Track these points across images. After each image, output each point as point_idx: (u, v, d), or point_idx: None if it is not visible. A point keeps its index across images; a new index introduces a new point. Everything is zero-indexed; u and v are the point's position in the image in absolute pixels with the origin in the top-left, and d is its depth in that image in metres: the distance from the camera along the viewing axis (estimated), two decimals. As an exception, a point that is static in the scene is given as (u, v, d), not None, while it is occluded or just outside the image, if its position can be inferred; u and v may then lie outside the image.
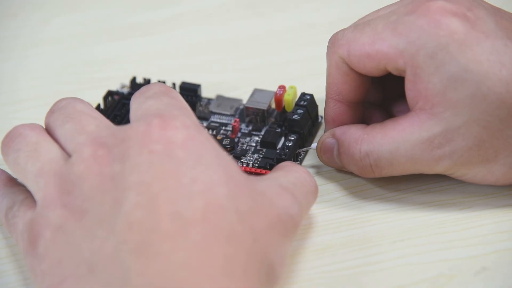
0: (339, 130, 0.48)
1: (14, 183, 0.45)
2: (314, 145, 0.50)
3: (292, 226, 0.41)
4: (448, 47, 0.43)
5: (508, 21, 0.45)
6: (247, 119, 0.52)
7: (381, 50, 0.45)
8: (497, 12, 0.45)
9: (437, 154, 0.44)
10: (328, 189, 0.48)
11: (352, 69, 0.47)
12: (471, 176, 0.45)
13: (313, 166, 0.50)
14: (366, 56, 0.45)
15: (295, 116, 0.50)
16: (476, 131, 0.43)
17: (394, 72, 0.45)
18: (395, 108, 0.50)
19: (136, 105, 0.43)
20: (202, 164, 0.39)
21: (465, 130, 0.43)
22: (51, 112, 0.45)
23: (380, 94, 0.50)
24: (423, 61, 0.44)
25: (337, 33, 0.47)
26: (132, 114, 0.42)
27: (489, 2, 0.46)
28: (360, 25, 0.46)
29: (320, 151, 0.49)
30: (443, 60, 0.43)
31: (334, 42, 0.47)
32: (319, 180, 0.48)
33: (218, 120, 0.53)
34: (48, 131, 0.44)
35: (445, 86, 0.43)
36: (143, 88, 0.44)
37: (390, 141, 0.45)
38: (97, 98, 0.54)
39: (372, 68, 0.46)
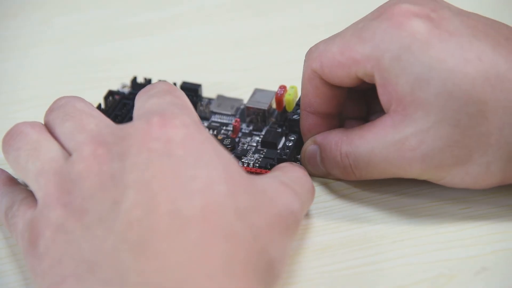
0: (319, 136, 0.48)
1: (14, 183, 0.45)
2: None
3: (293, 222, 0.41)
4: (411, 47, 0.43)
5: (474, 20, 0.44)
6: (247, 119, 0.52)
7: (350, 57, 0.45)
8: (463, 13, 0.45)
9: (409, 157, 0.44)
10: (327, 189, 0.48)
11: (324, 83, 0.47)
12: (449, 179, 0.45)
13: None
14: (336, 65, 0.45)
15: (296, 116, 0.50)
16: (446, 131, 0.43)
17: (366, 79, 0.45)
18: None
19: (139, 103, 0.43)
20: (201, 163, 0.39)
21: (435, 131, 0.43)
22: (51, 110, 0.45)
23: (363, 109, 0.50)
24: (389, 64, 0.44)
25: (312, 47, 0.47)
26: (135, 112, 0.43)
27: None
28: (332, 36, 0.46)
29: (304, 160, 0.49)
30: (407, 61, 0.43)
31: (308, 55, 0.47)
32: (318, 180, 0.48)
33: (219, 120, 0.53)
34: (48, 129, 0.44)
35: (412, 87, 0.43)
36: (147, 86, 0.44)
37: (366, 143, 0.45)
38: (98, 98, 0.54)
39: (344, 76, 0.46)
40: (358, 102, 0.50)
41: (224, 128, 0.52)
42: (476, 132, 0.43)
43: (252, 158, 0.50)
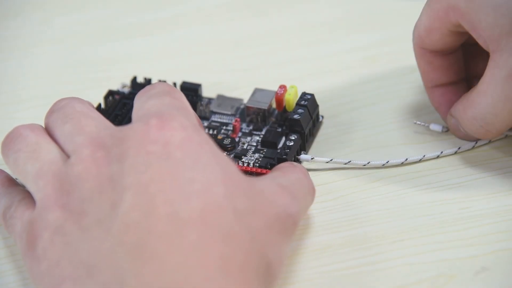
0: (452, 109, 0.49)
1: (12, 183, 0.45)
2: (433, 125, 0.51)
3: (291, 224, 0.41)
4: None
5: None
6: (247, 119, 0.52)
7: (435, 18, 0.47)
8: None
9: None
10: (328, 189, 0.48)
11: (433, 55, 0.49)
12: None
13: (312, 167, 0.50)
14: (430, 32, 0.48)
15: (296, 116, 0.50)
16: None
17: (459, 29, 0.46)
18: None
19: (138, 104, 0.43)
20: (199, 165, 0.39)
21: None
22: (51, 112, 0.45)
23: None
24: (465, 6, 0.45)
25: (414, 27, 0.49)
26: (134, 113, 0.43)
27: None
28: (421, 11, 0.48)
29: (454, 134, 0.50)
30: None
31: (412, 36, 0.49)
32: (318, 180, 0.48)
33: (219, 120, 0.53)
34: (48, 131, 0.44)
35: (494, 17, 0.44)
36: (147, 87, 0.44)
37: (483, 96, 0.46)
38: (98, 98, 0.54)
39: (442, 38, 0.47)
40: (480, 59, 0.50)
41: (224, 127, 0.52)
42: None
43: (252, 158, 0.50)
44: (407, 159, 0.49)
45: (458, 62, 0.50)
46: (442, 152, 0.50)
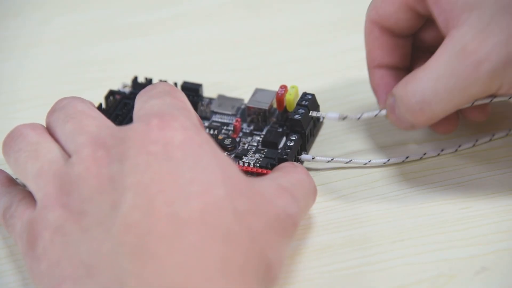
0: (394, 87, 0.46)
1: (12, 183, 0.45)
2: (330, 113, 0.49)
3: (291, 225, 0.41)
4: None
5: None
6: (248, 119, 0.52)
7: None
8: None
9: (474, 61, 0.42)
10: (328, 189, 0.48)
11: (383, 32, 0.47)
12: None
13: (313, 167, 0.50)
14: (388, 3, 0.46)
15: (297, 116, 0.50)
16: (505, 21, 0.42)
17: (419, 7, 0.45)
18: None
19: (139, 103, 0.43)
20: (200, 165, 0.39)
21: (494, 25, 0.42)
22: (52, 111, 0.45)
23: None
24: None
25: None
26: (135, 113, 0.43)
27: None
28: None
29: (388, 117, 0.47)
30: None
31: (367, 9, 0.48)
32: (318, 180, 0.48)
33: (220, 120, 0.53)
34: (49, 130, 0.44)
35: None
36: (148, 87, 0.44)
37: (429, 71, 0.43)
38: (98, 98, 0.54)
39: (398, 13, 0.46)
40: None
41: (225, 128, 0.52)
42: None
43: (252, 158, 0.50)
44: (408, 157, 0.49)
45: (405, 48, 0.48)
46: (442, 150, 0.50)
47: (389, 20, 0.47)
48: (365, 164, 0.49)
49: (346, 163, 0.50)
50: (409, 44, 0.48)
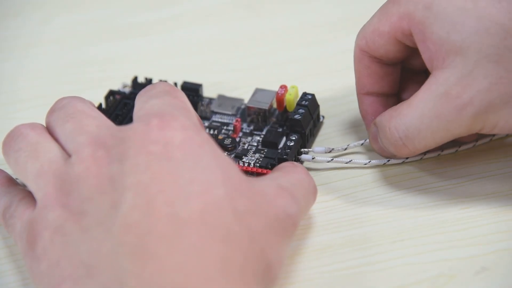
0: (377, 117, 0.48)
1: (12, 183, 0.45)
2: (316, 148, 0.50)
3: (291, 226, 0.41)
4: None
5: None
6: (248, 119, 0.52)
7: (387, 22, 0.45)
8: None
9: (458, 105, 0.43)
10: (328, 189, 0.48)
11: (372, 61, 0.47)
12: (504, 123, 0.43)
13: (312, 167, 0.50)
14: (377, 35, 0.46)
15: (297, 116, 0.50)
16: (489, 68, 0.42)
17: (407, 41, 0.45)
18: None
19: (139, 103, 0.43)
20: (200, 165, 0.39)
21: (478, 71, 0.42)
22: (52, 111, 0.45)
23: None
24: (423, 15, 0.44)
25: (361, 28, 0.48)
26: (135, 113, 0.43)
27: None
28: (374, 13, 0.47)
29: (370, 142, 0.49)
30: (439, 7, 0.43)
31: (356, 37, 0.48)
32: (319, 180, 0.48)
33: (220, 120, 0.53)
34: (49, 130, 0.44)
35: (448, 32, 0.43)
36: (148, 87, 0.44)
37: (413, 109, 0.44)
38: (98, 98, 0.54)
39: (387, 45, 0.46)
40: (417, 85, 0.49)
41: (225, 128, 0.52)
42: None
43: (252, 158, 0.50)
44: (407, 157, 0.49)
45: (394, 75, 0.49)
46: (442, 150, 0.49)
47: (378, 51, 0.47)
48: (365, 164, 0.49)
49: (346, 163, 0.50)
50: (398, 71, 0.49)
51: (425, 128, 0.44)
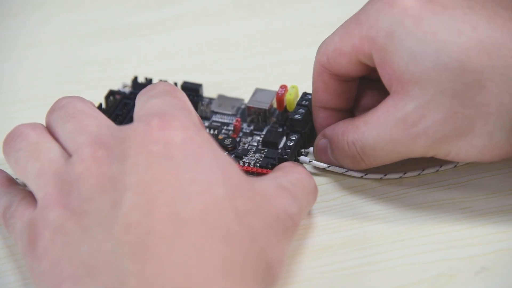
0: (328, 129, 0.48)
1: (12, 183, 0.45)
2: (302, 158, 0.50)
3: (291, 225, 0.41)
4: (403, 23, 0.43)
5: None
6: (248, 119, 0.52)
7: (349, 43, 0.45)
8: None
9: (413, 133, 0.43)
10: (328, 189, 0.48)
11: (332, 78, 0.47)
12: (455, 153, 0.44)
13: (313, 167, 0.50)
14: (339, 54, 0.46)
15: (297, 116, 0.50)
16: (445, 102, 0.43)
17: (369, 63, 0.45)
18: None
19: (140, 103, 0.43)
20: (200, 165, 0.39)
21: (434, 104, 0.43)
22: (52, 111, 0.45)
23: (379, 101, 0.50)
24: (384, 42, 0.43)
25: (322, 42, 0.47)
26: (135, 113, 0.43)
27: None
28: (337, 28, 0.47)
29: (316, 154, 0.49)
30: (400, 37, 0.43)
31: (317, 51, 0.47)
32: (319, 180, 0.48)
33: (220, 120, 0.53)
34: (49, 130, 0.44)
35: (407, 63, 0.43)
36: (148, 87, 0.44)
37: (370, 127, 0.45)
38: (98, 98, 0.54)
39: (348, 64, 0.46)
40: (372, 94, 0.50)
41: (225, 127, 0.52)
42: (475, 101, 0.42)
43: (253, 158, 0.50)
44: (405, 173, 0.49)
45: (352, 91, 0.48)
46: (441, 166, 0.49)
47: (340, 69, 0.47)
48: (361, 177, 0.49)
49: (342, 173, 0.49)
50: (355, 87, 0.49)
51: (379, 149, 0.45)
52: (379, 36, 0.44)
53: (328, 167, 0.49)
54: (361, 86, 0.49)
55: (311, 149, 0.50)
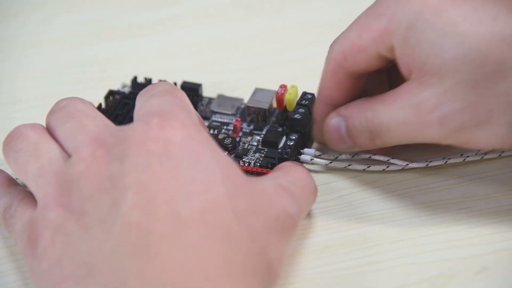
0: (343, 108, 0.47)
1: (12, 183, 0.45)
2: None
3: (291, 225, 0.41)
4: (423, 14, 0.43)
5: None
6: (248, 119, 0.52)
7: (368, 37, 0.45)
8: None
9: (427, 119, 0.43)
10: (328, 189, 0.48)
11: (347, 76, 0.47)
12: (474, 143, 0.44)
13: (313, 167, 0.50)
14: (358, 50, 0.45)
15: (297, 116, 0.50)
16: (464, 92, 0.42)
17: (389, 55, 0.45)
18: None
19: (140, 102, 0.43)
20: (200, 164, 0.39)
21: (452, 93, 0.43)
22: (52, 112, 0.45)
23: (385, 88, 0.50)
24: (405, 34, 0.43)
25: (333, 40, 0.47)
26: (135, 112, 0.43)
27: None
28: (349, 25, 0.46)
29: (328, 134, 0.48)
30: (421, 29, 0.43)
31: (330, 49, 0.47)
32: (319, 180, 0.48)
33: (220, 120, 0.53)
34: (49, 130, 0.44)
35: (428, 54, 0.43)
36: (149, 86, 0.44)
37: (386, 107, 0.45)
38: (97, 98, 0.54)
39: (368, 60, 0.46)
40: (379, 82, 0.50)
41: (225, 127, 0.52)
42: (495, 92, 0.42)
43: (253, 158, 0.50)
44: (408, 164, 0.49)
45: (361, 86, 0.48)
46: (449, 158, 0.49)
47: (359, 65, 0.46)
48: (364, 170, 0.49)
49: (344, 167, 0.49)
50: (365, 79, 0.48)
51: (393, 129, 0.45)
52: (400, 28, 0.43)
53: (330, 163, 0.49)
54: (373, 75, 0.49)
55: (306, 150, 0.50)
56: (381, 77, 0.49)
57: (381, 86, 0.50)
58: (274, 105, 0.52)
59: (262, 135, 0.51)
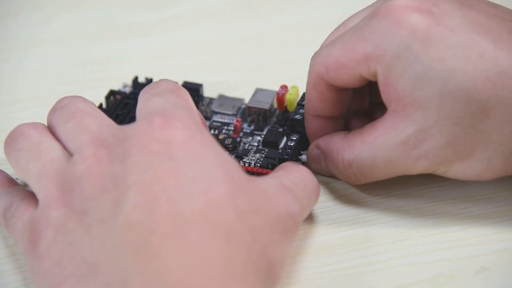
0: (322, 141, 0.48)
1: (12, 183, 0.45)
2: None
3: (292, 225, 0.41)
4: (411, 46, 0.43)
5: (476, 12, 0.44)
6: (249, 119, 0.52)
7: (352, 58, 0.44)
8: (465, 3, 0.44)
9: (413, 155, 0.44)
10: (328, 189, 0.48)
11: (329, 88, 0.47)
12: (453, 173, 0.44)
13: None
14: (341, 68, 0.45)
15: (297, 116, 0.50)
16: (448, 128, 0.43)
17: (371, 78, 0.45)
18: (380, 114, 0.50)
19: (142, 101, 0.43)
20: (202, 164, 0.39)
21: (437, 129, 0.43)
22: (53, 110, 0.45)
23: (365, 102, 0.50)
24: (390, 63, 0.43)
25: (315, 52, 0.47)
26: (138, 111, 0.43)
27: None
28: (333, 40, 0.46)
29: (310, 163, 0.49)
30: (407, 60, 0.43)
31: (312, 61, 0.47)
32: (319, 180, 0.48)
33: (220, 120, 0.53)
34: (50, 129, 0.44)
35: (413, 87, 0.43)
36: (152, 84, 0.44)
37: (368, 148, 0.45)
38: (98, 98, 0.54)
39: (349, 78, 0.45)
40: (360, 94, 0.50)
41: (226, 127, 0.52)
42: (478, 129, 0.43)
43: (253, 158, 0.50)
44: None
45: (346, 99, 0.48)
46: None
47: (339, 81, 0.46)
48: None
49: None
50: (350, 94, 0.48)
51: (378, 169, 0.45)
52: (385, 57, 0.43)
53: None
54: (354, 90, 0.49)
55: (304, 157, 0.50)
56: (362, 87, 0.49)
57: (361, 98, 0.50)
58: (275, 105, 0.52)
59: (263, 136, 0.51)
